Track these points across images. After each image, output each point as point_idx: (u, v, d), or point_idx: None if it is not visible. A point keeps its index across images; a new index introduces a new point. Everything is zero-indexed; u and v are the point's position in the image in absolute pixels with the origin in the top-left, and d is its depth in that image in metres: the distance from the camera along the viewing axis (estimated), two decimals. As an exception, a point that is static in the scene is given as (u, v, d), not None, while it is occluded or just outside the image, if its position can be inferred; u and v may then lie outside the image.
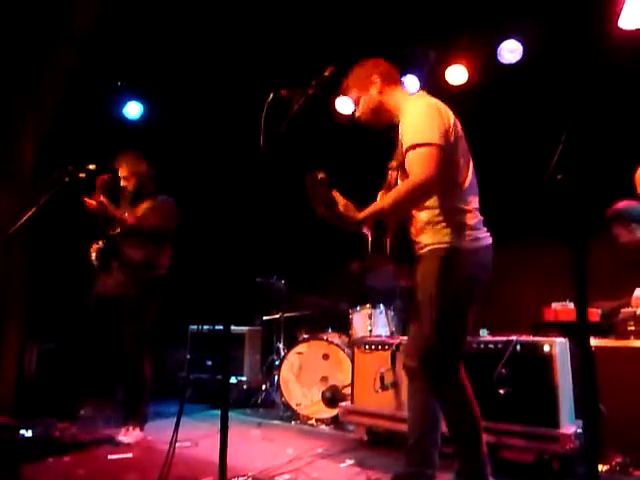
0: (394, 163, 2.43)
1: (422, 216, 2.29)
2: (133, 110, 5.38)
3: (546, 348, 2.80)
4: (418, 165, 2.14)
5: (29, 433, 3.22)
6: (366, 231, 2.38)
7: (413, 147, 2.17)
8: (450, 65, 4.72)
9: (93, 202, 3.41)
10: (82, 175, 3.16)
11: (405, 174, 2.25)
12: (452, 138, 2.23)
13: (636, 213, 3.57)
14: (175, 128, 5.46)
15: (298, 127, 2.53)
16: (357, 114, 2.52)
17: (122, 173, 3.70)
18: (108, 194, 3.54)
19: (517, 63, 4.46)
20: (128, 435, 3.41)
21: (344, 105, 5.26)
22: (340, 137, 4.98)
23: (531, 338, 2.93)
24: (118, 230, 3.56)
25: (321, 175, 2.14)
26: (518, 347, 2.89)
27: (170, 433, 2.12)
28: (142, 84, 5.30)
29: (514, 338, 2.92)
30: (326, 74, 2.21)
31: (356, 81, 2.47)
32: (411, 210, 2.31)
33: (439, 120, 2.22)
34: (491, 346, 2.97)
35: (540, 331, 3.35)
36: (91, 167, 3.18)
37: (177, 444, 2.14)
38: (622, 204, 3.62)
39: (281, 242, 5.92)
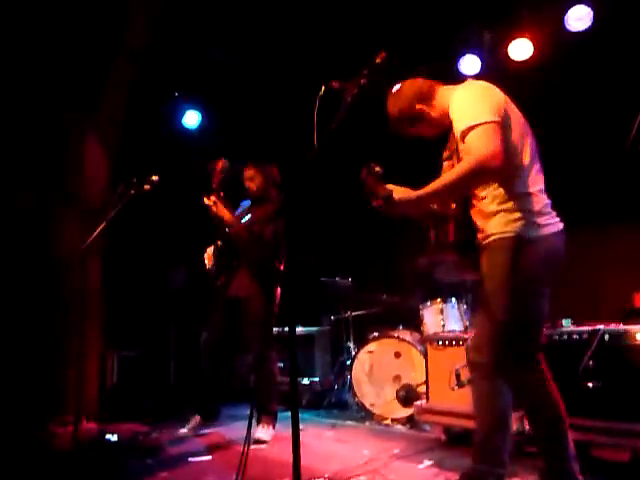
0: (447, 153, 2.31)
1: (485, 205, 2.15)
2: (191, 119, 5.50)
3: (639, 337, 2.58)
4: (479, 141, 1.99)
5: (114, 437, 3.35)
6: (425, 220, 2.28)
7: (469, 130, 2.02)
8: (513, 40, 4.38)
9: (211, 201, 3.58)
10: (147, 187, 3.25)
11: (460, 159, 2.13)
12: (505, 117, 2.07)
13: None
14: (233, 132, 5.53)
15: (354, 119, 2.46)
16: (425, 137, 2.39)
17: (248, 173, 3.82)
18: (222, 193, 3.68)
19: (587, 30, 4.13)
20: (264, 432, 3.51)
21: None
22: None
23: (621, 326, 2.70)
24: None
25: (377, 168, 2.05)
26: (606, 337, 2.67)
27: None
28: (198, 93, 5.41)
29: (601, 327, 2.71)
30: (378, 61, 2.10)
31: (403, 117, 2.32)
32: (472, 189, 2.16)
33: (490, 99, 2.09)
34: (575, 337, 2.78)
35: (630, 319, 3.09)
36: (154, 178, 3.25)
37: (252, 446, 2.13)
38: None
39: (344, 241, 5.86)
